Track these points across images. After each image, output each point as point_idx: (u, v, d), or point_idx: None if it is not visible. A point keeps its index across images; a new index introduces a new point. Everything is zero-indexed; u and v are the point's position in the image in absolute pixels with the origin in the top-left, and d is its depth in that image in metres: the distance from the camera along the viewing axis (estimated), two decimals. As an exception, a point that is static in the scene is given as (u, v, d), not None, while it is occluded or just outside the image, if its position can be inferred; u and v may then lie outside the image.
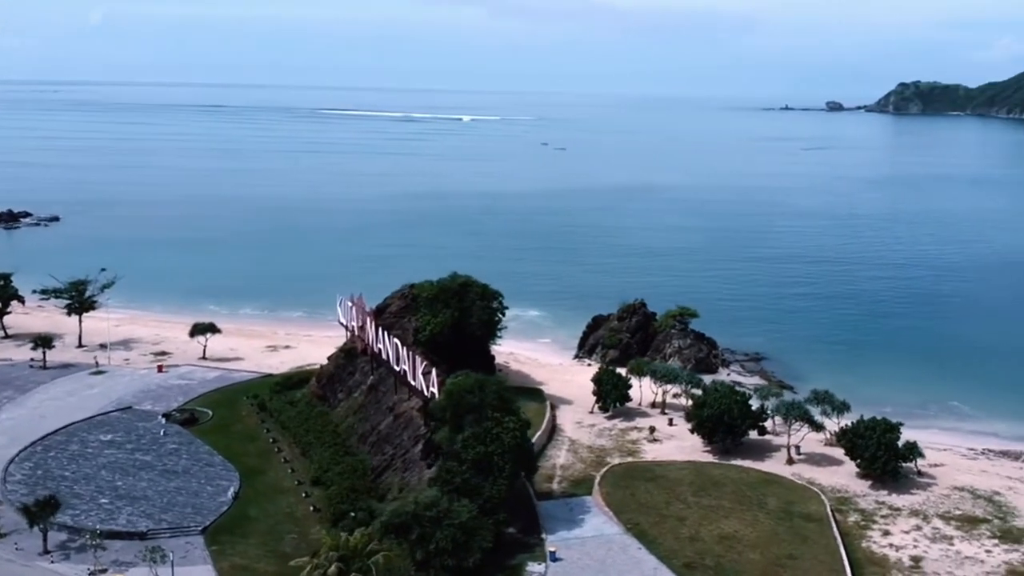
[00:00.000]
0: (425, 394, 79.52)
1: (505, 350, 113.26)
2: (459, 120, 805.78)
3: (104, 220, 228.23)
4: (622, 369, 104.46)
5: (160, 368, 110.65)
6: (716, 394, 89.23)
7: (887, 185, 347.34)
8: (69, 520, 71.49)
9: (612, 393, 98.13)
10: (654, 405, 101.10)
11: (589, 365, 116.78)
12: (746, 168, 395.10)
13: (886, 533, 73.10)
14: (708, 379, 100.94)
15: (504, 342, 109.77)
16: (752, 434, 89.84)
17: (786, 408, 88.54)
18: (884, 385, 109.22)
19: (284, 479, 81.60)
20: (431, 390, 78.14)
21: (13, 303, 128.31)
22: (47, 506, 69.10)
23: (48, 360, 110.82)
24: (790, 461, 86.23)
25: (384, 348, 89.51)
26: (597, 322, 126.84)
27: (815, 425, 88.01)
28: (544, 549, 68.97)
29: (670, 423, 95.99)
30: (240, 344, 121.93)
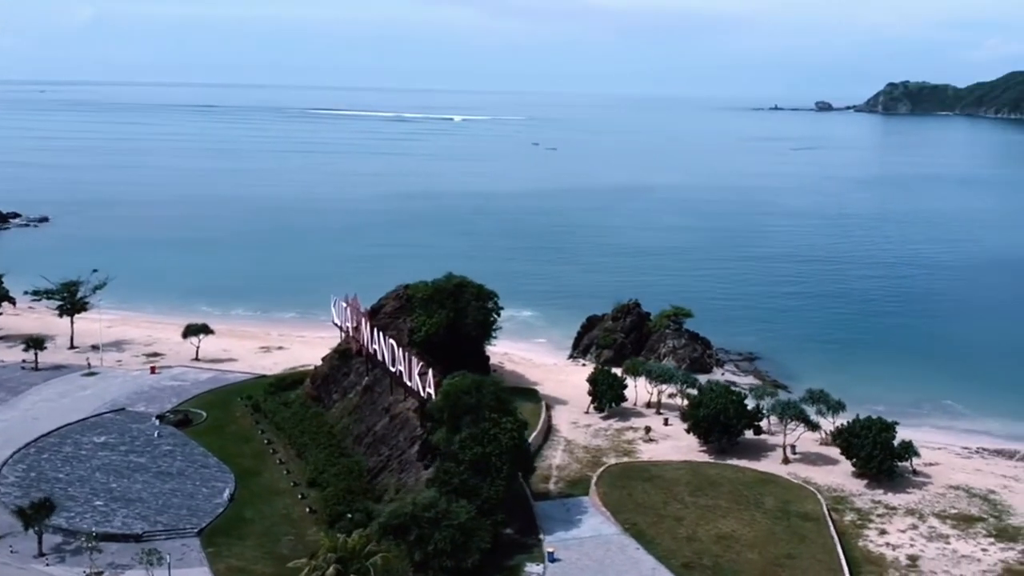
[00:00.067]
0: (421, 395, 79.27)
1: (499, 350, 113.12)
2: (450, 120, 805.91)
3: (95, 220, 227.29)
4: (617, 369, 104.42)
5: (153, 369, 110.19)
6: (712, 394, 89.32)
7: (876, 185, 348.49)
8: (64, 523, 71.12)
9: (608, 393, 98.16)
10: (649, 405, 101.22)
11: (584, 365, 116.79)
12: (736, 168, 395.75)
13: (883, 532, 73.32)
14: (703, 379, 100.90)
15: (498, 342, 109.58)
16: (748, 434, 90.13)
17: (782, 408, 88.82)
18: (877, 384, 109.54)
19: (280, 480, 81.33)
20: (427, 391, 77.90)
21: (4, 304, 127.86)
22: (42, 509, 68.67)
23: (40, 361, 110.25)
24: (786, 460, 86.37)
25: (379, 349, 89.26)
26: (591, 322, 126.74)
27: (811, 424, 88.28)
28: (542, 550, 68.91)
29: (665, 423, 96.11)
30: (233, 345, 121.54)
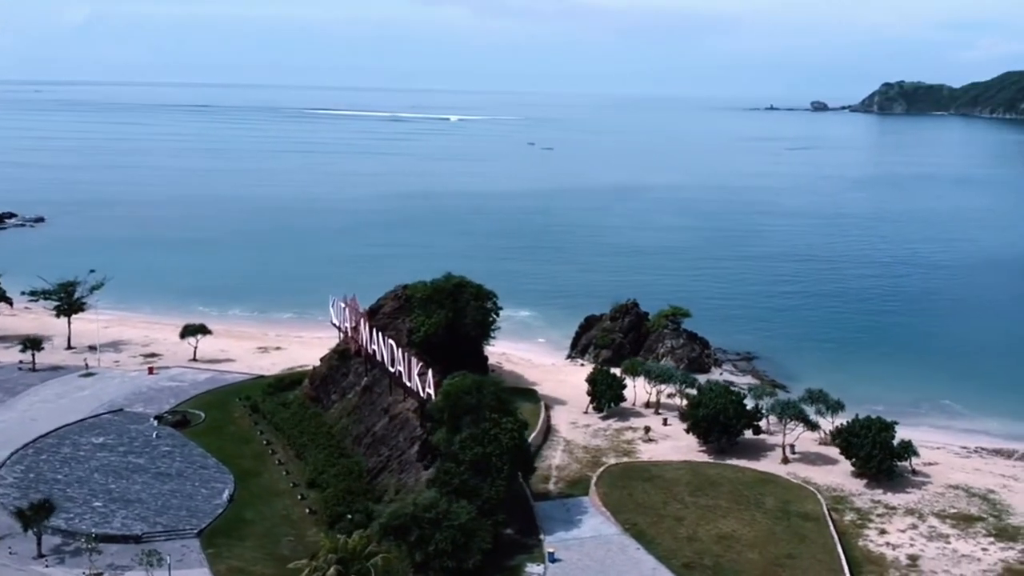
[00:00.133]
0: (421, 395, 79.18)
1: (498, 351, 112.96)
2: (446, 120, 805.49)
3: (92, 221, 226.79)
4: (615, 369, 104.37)
5: (151, 370, 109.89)
6: (711, 394, 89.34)
7: (872, 185, 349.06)
8: (63, 524, 70.89)
9: (607, 393, 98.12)
10: (648, 405, 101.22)
11: (582, 365, 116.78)
12: (732, 168, 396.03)
13: (883, 532, 73.37)
14: (701, 379, 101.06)
15: (497, 342, 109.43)
16: (747, 434, 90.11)
17: (781, 407, 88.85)
18: (876, 383, 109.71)
19: (279, 481, 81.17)
20: (427, 391, 77.82)
21: (1, 305, 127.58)
22: (41, 510, 68.46)
23: (37, 362, 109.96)
24: (785, 460, 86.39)
25: (378, 349, 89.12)
26: (590, 322, 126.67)
27: (810, 424, 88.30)
28: (543, 550, 68.85)
29: (665, 423, 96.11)
30: (230, 345, 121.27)
